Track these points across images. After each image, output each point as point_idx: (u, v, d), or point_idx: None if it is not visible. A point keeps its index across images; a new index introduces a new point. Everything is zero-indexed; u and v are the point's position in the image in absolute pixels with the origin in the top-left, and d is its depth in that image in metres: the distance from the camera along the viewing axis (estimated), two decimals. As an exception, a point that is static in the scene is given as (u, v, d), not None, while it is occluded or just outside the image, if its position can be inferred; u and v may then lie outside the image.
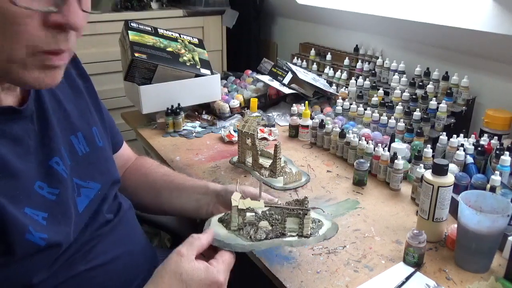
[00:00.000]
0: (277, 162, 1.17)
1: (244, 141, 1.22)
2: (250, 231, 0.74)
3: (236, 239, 0.73)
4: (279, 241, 0.75)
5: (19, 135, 0.64)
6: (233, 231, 0.75)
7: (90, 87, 0.86)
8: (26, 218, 0.60)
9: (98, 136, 0.81)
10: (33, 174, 0.64)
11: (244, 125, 1.22)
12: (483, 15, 1.34)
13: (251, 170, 1.22)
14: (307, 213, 0.74)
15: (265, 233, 0.74)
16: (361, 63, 1.81)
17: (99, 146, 0.80)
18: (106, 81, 2.13)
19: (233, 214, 0.75)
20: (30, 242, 0.59)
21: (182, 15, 2.27)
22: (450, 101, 1.40)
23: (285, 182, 1.15)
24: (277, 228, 0.75)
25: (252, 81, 1.86)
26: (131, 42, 1.48)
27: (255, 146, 1.20)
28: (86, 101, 0.82)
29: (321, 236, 0.76)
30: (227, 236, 0.73)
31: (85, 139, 0.77)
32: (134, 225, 0.89)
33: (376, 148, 1.20)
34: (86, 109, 0.81)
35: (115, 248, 0.77)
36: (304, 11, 2.18)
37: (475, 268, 0.85)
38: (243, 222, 0.75)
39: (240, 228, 0.75)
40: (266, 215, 0.76)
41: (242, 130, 1.20)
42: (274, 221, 0.76)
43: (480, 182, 1.02)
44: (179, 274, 0.65)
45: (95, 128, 0.81)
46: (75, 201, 0.71)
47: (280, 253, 0.90)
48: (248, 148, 1.22)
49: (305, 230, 0.75)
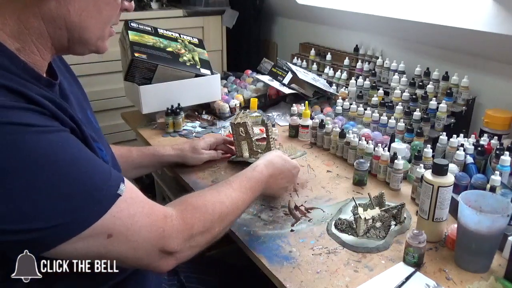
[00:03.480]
0: (270, 141, 1.19)
1: (238, 133, 1.22)
2: (376, 231, 0.95)
3: (368, 242, 0.92)
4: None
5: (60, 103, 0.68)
6: (361, 236, 0.93)
7: (75, 78, 0.89)
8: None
9: (93, 119, 0.85)
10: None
11: (236, 118, 1.25)
12: (483, 15, 1.34)
13: (249, 160, 1.21)
14: (404, 205, 0.99)
15: (383, 230, 0.95)
16: (361, 63, 1.81)
17: (97, 128, 0.84)
18: (106, 81, 2.13)
19: (361, 224, 0.93)
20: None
21: (182, 15, 2.27)
22: (450, 101, 1.40)
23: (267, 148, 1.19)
24: (387, 223, 0.97)
25: (252, 81, 1.86)
26: (131, 42, 1.48)
27: (249, 134, 1.20)
28: (78, 88, 0.86)
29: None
30: (358, 241, 0.92)
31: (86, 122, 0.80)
32: None
33: (376, 148, 1.20)
34: (79, 95, 0.85)
35: None
36: (304, 11, 2.18)
37: (475, 268, 0.85)
38: (367, 227, 0.95)
39: (366, 232, 0.94)
40: (380, 216, 0.96)
41: (234, 122, 1.22)
42: (385, 219, 0.97)
43: (480, 182, 1.02)
44: (281, 157, 1.02)
45: (89, 111, 0.85)
46: None
47: (280, 253, 0.90)
48: (243, 138, 1.22)
49: (402, 218, 0.99)
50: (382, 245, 0.91)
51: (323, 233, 0.97)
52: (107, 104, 2.14)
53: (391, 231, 0.95)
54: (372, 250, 0.90)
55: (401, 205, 0.98)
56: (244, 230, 0.97)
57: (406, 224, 0.99)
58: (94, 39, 0.69)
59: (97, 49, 0.72)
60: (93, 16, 0.67)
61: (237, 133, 1.22)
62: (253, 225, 0.99)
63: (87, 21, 0.66)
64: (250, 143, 1.21)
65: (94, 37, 0.69)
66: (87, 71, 1.99)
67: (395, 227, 0.97)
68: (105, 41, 0.72)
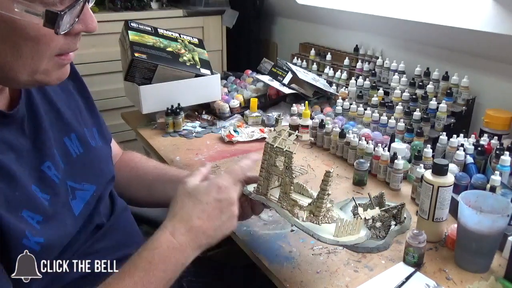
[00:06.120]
0: (324, 200, 0.75)
1: (273, 162, 0.78)
2: (376, 231, 0.93)
3: (368, 242, 0.86)
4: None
5: (10, 140, 0.63)
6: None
7: (81, 86, 0.84)
8: (23, 222, 0.60)
9: (90, 136, 0.80)
10: (28, 177, 0.64)
11: (276, 138, 0.79)
12: (483, 15, 1.34)
13: (277, 207, 0.78)
14: (404, 205, 0.98)
15: (383, 230, 0.94)
16: (361, 63, 1.81)
17: (92, 146, 0.79)
18: (106, 81, 2.13)
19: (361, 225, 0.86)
20: (26, 247, 0.59)
21: (182, 15, 2.27)
22: (450, 101, 1.40)
23: (337, 234, 0.73)
24: (387, 223, 0.95)
25: (252, 81, 1.86)
26: (131, 42, 1.48)
27: (290, 171, 0.76)
28: (77, 102, 0.81)
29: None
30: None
31: (79, 140, 0.76)
32: (131, 227, 0.88)
33: (376, 148, 1.20)
34: (77, 109, 0.80)
35: (111, 252, 0.77)
36: (304, 11, 2.18)
37: (475, 268, 0.85)
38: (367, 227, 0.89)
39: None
40: (380, 216, 0.95)
41: (274, 145, 0.77)
42: (385, 219, 0.95)
43: (480, 182, 1.01)
44: (187, 193, 0.72)
45: (87, 129, 0.80)
46: (70, 205, 0.70)
47: (280, 253, 0.90)
48: (278, 172, 0.78)
49: (402, 218, 0.99)
50: (382, 245, 0.91)
51: (323, 233, 0.97)
52: (107, 104, 2.14)
53: (391, 231, 0.95)
54: (372, 250, 0.90)
55: (401, 205, 0.98)
56: (244, 230, 0.97)
57: (406, 224, 0.99)
58: (25, 77, 0.58)
59: (40, 83, 0.61)
60: (8, 54, 0.55)
61: (270, 160, 0.79)
62: (253, 225, 0.99)
63: (1, 61, 0.56)
64: (288, 185, 0.77)
65: (23, 76, 0.58)
66: (87, 71, 1.99)
67: (395, 227, 0.97)
68: (51, 74, 0.61)
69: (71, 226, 0.69)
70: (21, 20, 0.54)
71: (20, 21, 0.54)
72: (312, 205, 0.77)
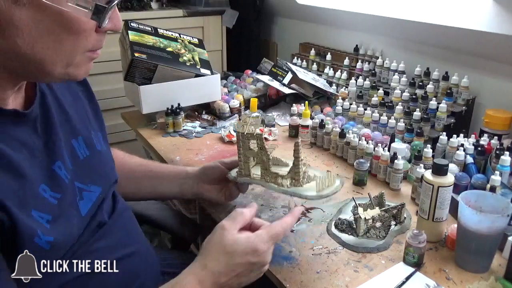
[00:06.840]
0: (300, 165, 0.88)
1: (247, 146, 0.92)
2: (376, 231, 0.94)
3: (368, 242, 0.92)
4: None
5: (23, 139, 0.64)
6: (361, 236, 0.94)
7: (87, 91, 0.85)
8: (34, 221, 0.60)
9: (96, 140, 0.81)
10: (38, 177, 0.64)
11: (244, 125, 0.93)
12: (483, 15, 1.34)
13: (263, 182, 0.92)
14: (404, 205, 0.99)
15: (383, 230, 0.95)
16: (361, 63, 1.81)
17: (98, 150, 0.80)
18: (106, 81, 2.13)
19: (361, 224, 0.93)
20: (37, 245, 0.60)
21: (182, 15, 2.27)
22: (450, 101, 1.40)
23: (319, 189, 0.88)
24: (387, 223, 0.97)
25: (252, 81, 1.86)
26: (131, 42, 1.48)
27: (265, 150, 0.90)
28: (84, 106, 0.83)
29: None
30: (358, 241, 0.92)
31: (85, 143, 0.77)
32: (133, 226, 0.89)
33: (376, 148, 1.20)
34: (84, 113, 0.81)
35: (111, 251, 0.77)
36: (304, 11, 2.18)
37: (475, 268, 0.85)
38: (367, 227, 0.94)
39: (365, 232, 0.94)
40: (380, 216, 0.96)
41: (244, 132, 0.91)
42: (385, 219, 0.96)
43: (480, 182, 1.02)
44: (223, 247, 0.70)
45: (94, 132, 0.81)
46: (77, 205, 0.70)
47: (280, 253, 0.90)
48: (254, 154, 0.92)
49: (402, 218, 0.99)
50: (382, 245, 0.91)
51: (323, 233, 0.97)
52: (107, 104, 2.13)
53: (391, 231, 0.95)
54: (372, 250, 0.90)
55: (401, 205, 0.98)
56: (244, 230, 0.97)
57: (406, 224, 0.99)
58: (59, 69, 0.60)
59: (70, 77, 0.63)
60: (50, 47, 0.57)
61: (244, 145, 0.92)
62: (253, 225, 0.99)
63: (42, 53, 0.57)
64: (267, 161, 0.91)
65: (58, 68, 0.60)
66: (87, 71, 1.99)
67: (395, 227, 0.97)
68: (81, 67, 0.63)
69: (78, 227, 0.69)
70: (69, 13, 0.56)
71: (68, 14, 0.56)
72: (292, 172, 0.90)
